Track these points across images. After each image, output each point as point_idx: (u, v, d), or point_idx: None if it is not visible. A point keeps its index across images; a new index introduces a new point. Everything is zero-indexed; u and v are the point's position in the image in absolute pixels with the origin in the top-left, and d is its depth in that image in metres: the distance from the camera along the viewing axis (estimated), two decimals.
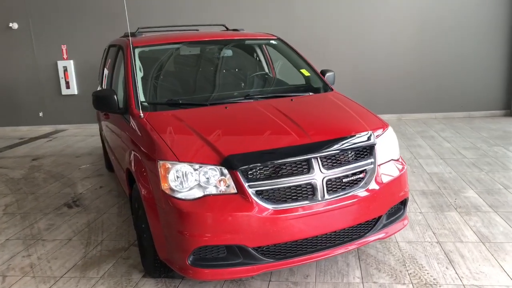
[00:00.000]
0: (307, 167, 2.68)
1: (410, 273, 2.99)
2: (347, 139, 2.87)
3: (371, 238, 2.92)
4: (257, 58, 4.81)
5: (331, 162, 2.75)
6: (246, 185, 2.57)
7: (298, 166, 2.67)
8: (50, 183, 5.58)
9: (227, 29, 5.11)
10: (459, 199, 4.22)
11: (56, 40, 9.04)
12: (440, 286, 2.82)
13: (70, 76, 9.13)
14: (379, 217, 2.93)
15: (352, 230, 2.84)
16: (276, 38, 4.41)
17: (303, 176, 2.65)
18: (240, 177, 2.57)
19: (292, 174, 2.65)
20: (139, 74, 3.64)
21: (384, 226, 2.99)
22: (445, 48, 8.10)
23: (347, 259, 3.22)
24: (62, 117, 9.41)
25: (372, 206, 2.85)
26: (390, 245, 3.38)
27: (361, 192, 2.80)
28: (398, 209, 3.13)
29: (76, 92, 9.22)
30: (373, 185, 2.85)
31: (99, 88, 5.94)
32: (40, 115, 9.45)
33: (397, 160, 3.16)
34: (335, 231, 2.75)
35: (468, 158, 5.57)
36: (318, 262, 3.17)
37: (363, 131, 2.98)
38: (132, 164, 3.05)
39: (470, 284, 2.82)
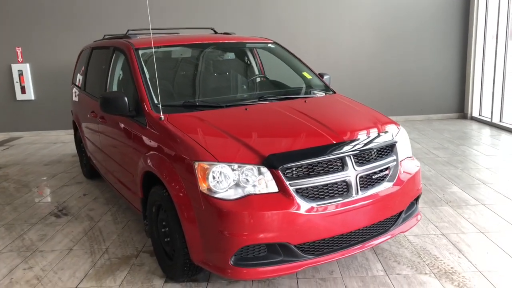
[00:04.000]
0: (341, 165, 2.77)
1: (428, 264, 3.16)
2: (374, 137, 3.00)
3: (395, 231, 3.05)
4: (248, 62, 4.85)
5: (362, 159, 2.87)
6: (287, 183, 2.61)
7: (334, 164, 2.75)
8: (25, 193, 5.24)
9: (215, 32, 5.11)
10: (447, 195, 4.51)
11: (10, 42, 8.51)
12: (459, 274, 3.01)
13: (26, 81, 8.61)
14: (401, 212, 3.08)
15: (380, 224, 2.96)
16: (272, 42, 4.48)
17: (338, 174, 2.74)
18: (282, 176, 2.61)
19: (328, 172, 2.72)
20: (147, 76, 3.56)
21: (404, 220, 3.14)
22: (405, 57, 8.63)
23: (365, 254, 3.34)
24: (16, 124, 8.86)
25: (396, 201, 2.98)
26: (400, 239, 3.55)
27: (387, 188, 2.93)
28: (411, 205, 3.29)
29: (32, 98, 8.72)
30: (396, 181, 2.99)
31: (74, 91, 5.69)
32: None
33: (411, 157, 3.34)
34: (366, 226, 2.86)
35: (440, 157, 5.95)
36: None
37: (384, 130, 3.13)
38: (157, 167, 2.97)
39: (485, 270, 3.03)
